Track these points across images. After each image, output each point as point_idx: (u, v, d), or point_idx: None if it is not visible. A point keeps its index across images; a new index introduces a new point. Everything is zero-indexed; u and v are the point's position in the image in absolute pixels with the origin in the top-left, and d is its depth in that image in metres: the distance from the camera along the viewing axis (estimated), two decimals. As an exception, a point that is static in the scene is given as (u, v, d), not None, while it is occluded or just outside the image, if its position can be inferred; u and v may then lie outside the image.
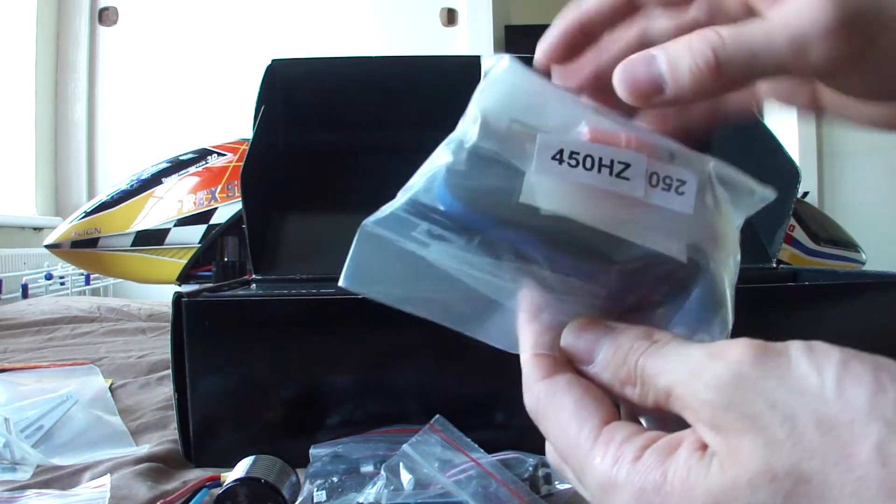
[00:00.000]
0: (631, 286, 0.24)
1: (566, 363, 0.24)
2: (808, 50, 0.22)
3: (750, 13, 0.24)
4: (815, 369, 0.18)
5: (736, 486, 0.18)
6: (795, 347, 0.19)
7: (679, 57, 0.23)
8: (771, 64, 0.22)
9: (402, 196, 0.23)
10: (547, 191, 0.23)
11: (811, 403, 0.18)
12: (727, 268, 0.25)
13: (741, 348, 0.19)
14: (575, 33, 0.27)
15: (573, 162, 0.23)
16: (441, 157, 0.23)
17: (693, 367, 0.20)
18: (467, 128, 0.23)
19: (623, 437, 0.21)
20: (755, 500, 0.18)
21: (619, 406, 0.23)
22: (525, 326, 0.25)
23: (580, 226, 0.23)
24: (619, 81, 0.23)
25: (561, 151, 0.23)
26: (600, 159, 0.23)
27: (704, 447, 0.20)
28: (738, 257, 0.25)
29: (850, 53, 0.22)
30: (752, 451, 0.18)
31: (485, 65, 0.25)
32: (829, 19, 0.21)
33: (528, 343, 0.24)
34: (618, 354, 0.22)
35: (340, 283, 0.24)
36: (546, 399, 0.23)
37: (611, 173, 0.23)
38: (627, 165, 0.23)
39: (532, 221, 0.22)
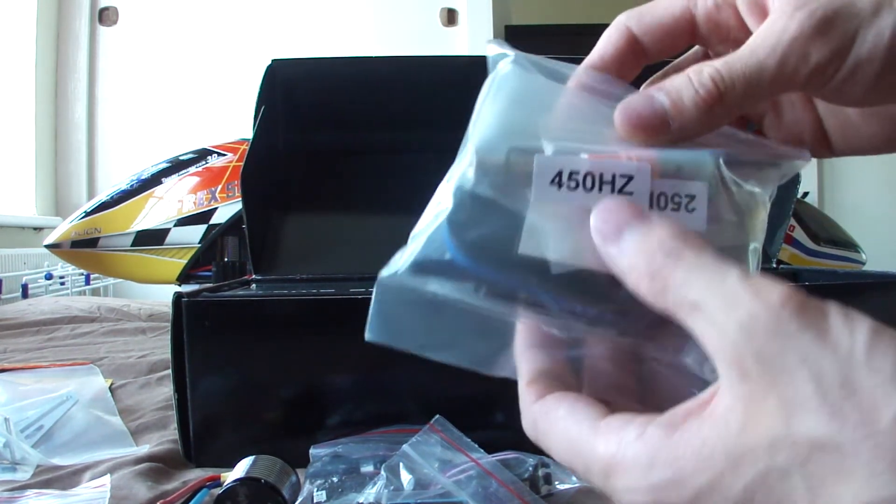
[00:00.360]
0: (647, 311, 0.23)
1: (556, 384, 0.24)
2: (790, 61, 0.22)
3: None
4: (849, 332, 0.18)
5: (757, 448, 0.18)
6: (833, 308, 0.19)
7: (681, 90, 0.23)
8: (766, 82, 0.23)
9: (411, 246, 0.23)
10: (546, 236, 0.22)
11: (839, 363, 0.18)
12: (749, 264, 0.24)
13: (782, 294, 0.19)
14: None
15: (573, 184, 0.22)
16: (444, 199, 0.22)
17: (728, 296, 0.19)
18: (465, 169, 0.22)
19: (622, 423, 0.21)
20: (774, 463, 0.18)
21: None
22: (521, 356, 0.25)
23: (586, 273, 0.22)
24: (621, 121, 0.23)
25: (560, 174, 0.22)
26: (601, 175, 0.22)
27: (708, 403, 0.19)
28: (761, 241, 0.24)
29: (831, 56, 0.22)
30: (775, 409, 0.18)
31: (489, 53, 0.25)
32: (801, 27, 0.22)
33: (523, 371, 0.25)
34: (646, 244, 0.21)
35: (367, 337, 0.24)
36: (541, 417, 0.23)
37: (613, 189, 0.22)
38: (630, 178, 0.22)
39: (537, 267, 0.22)
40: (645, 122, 0.23)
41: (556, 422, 0.23)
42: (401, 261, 0.23)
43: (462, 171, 0.22)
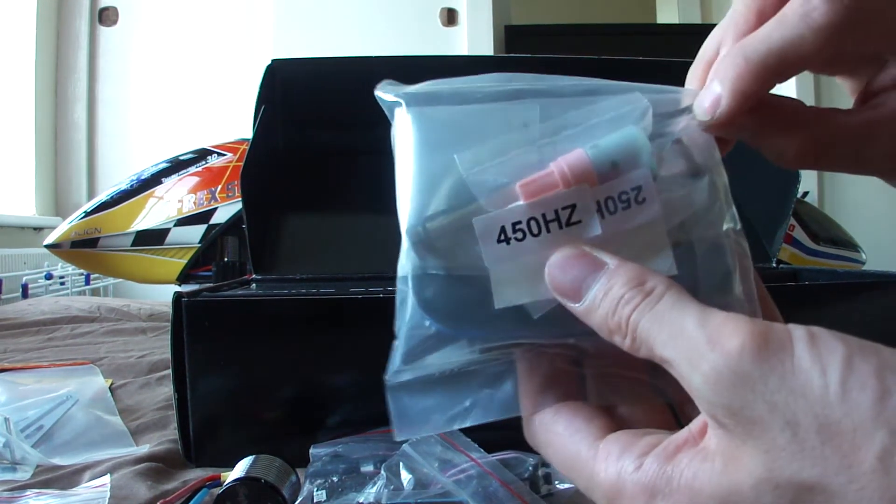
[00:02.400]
0: None
1: (554, 395, 0.24)
2: (810, 16, 0.22)
3: None
4: (819, 368, 0.17)
5: (741, 490, 0.18)
6: (798, 338, 0.18)
7: (722, 69, 0.23)
8: (791, 43, 0.22)
9: (398, 342, 0.23)
10: (516, 283, 0.22)
11: (813, 408, 0.17)
12: (722, 234, 0.23)
13: (741, 337, 0.18)
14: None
15: (519, 234, 0.22)
16: (404, 284, 0.23)
17: (689, 350, 0.19)
18: (406, 256, 0.22)
19: (620, 449, 0.21)
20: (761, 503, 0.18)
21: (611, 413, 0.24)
22: (518, 366, 0.25)
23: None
24: (700, 108, 0.24)
25: (503, 229, 0.22)
26: (544, 216, 0.22)
27: (703, 435, 0.20)
28: (722, 174, 0.24)
29: (847, 8, 0.22)
30: (753, 455, 0.18)
31: (384, 100, 0.24)
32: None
33: (521, 381, 0.24)
34: (607, 301, 0.21)
35: (397, 438, 0.24)
36: (539, 430, 0.24)
37: (560, 226, 0.22)
38: (573, 207, 0.22)
39: (518, 315, 0.22)
40: (704, 106, 0.23)
41: (555, 437, 0.23)
42: (395, 358, 0.23)
43: (405, 257, 0.22)
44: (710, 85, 0.24)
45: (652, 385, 0.24)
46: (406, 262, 0.22)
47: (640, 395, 0.24)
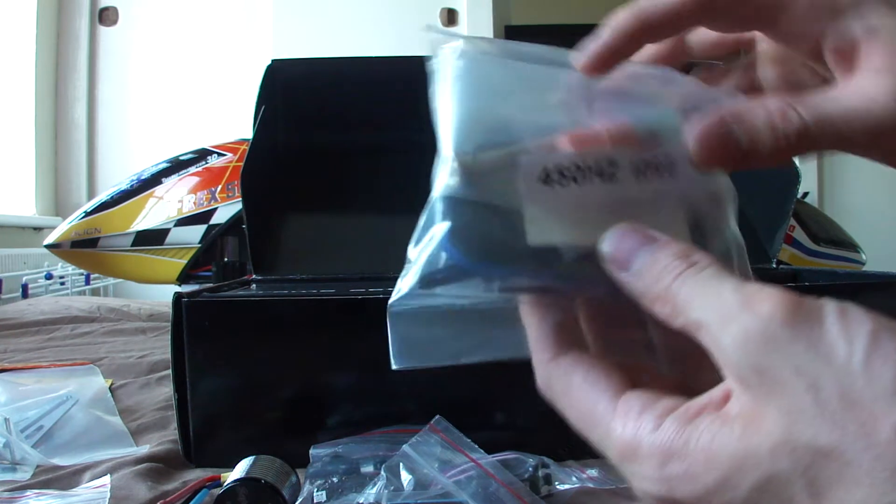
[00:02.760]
0: None
1: (569, 342, 0.24)
2: (880, 138, 0.22)
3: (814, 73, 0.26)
4: (846, 338, 0.18)
5: (758, 453, 0.18)
6: (829, 310, 0.19)
7: (760, 133, 0.23)
8: (846, 145, 0.23)
9: (413, 265, 0.23)
10: (550, 223, 0.23)
11: (837, 375, 0.18)
12: (729, 215, 0.25)
13: (774, 302, 0.19)
14: (631, 36, 0.25)
15: (561, 180, 0.23)
16: (436, 209, 0.22)
17: (724, 312, 0.20)
18: (448, 177, 0.22)
19: (640, 407, 0.21)
20: (776, 468, 0.18)
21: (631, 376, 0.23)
22: (530, 310, 0.24)
23: (593, 247, 0.23)
24: (696, 145, 0.23)
25: (546, 171, 0.22)
26: (587, 166, 0.23)
27: (725, 403, 0.20)
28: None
29: None
30: (775, 418, 0.18)
31: (434, 41, 0.24)
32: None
33: (534, 326, 0.24)
34: (653, 269, 0.22)
35: (394, 366, 0.24)
36: (556, 379, 0.23)
37: (602, 178, 0.23)
38: (615, 163, 0.23)
39: (546, 254, 0.23)
40: (718, 153, 0.23)
41: (572, 388, 0.23)
42: (405, 282, 0.23)
43: (445, 179, 0.22)
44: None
45: (647, 348, 0.24)
46: (446, 184, 0.22)
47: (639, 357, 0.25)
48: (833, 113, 0.23)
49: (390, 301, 0.23)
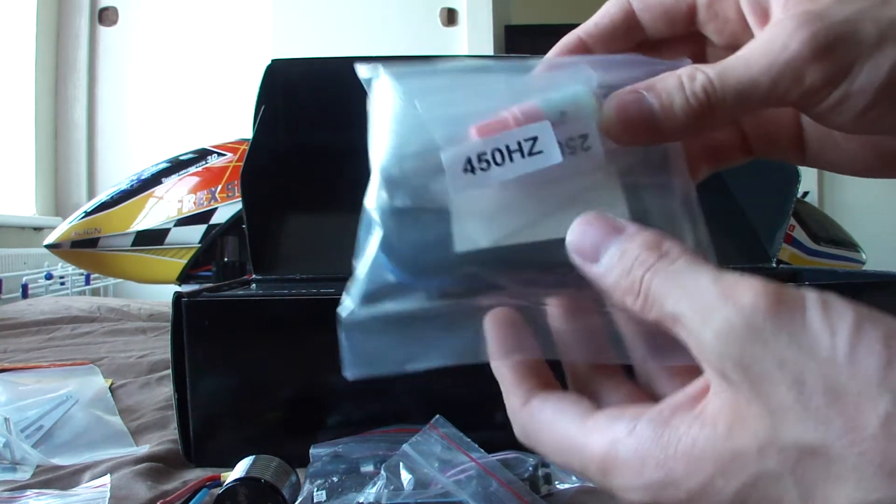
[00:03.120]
0: None
1: (538, 385, 0.24)
2: (784, 81, 0.22)
3: (747, 32, 0.25)
4: (829, 330, 0.18)
5: (745, 455, 0.18)
6: (811, 300, 0.18)
7: (672, 95, 0.23)
8: (756, 99, 0.22)
9: (357, 279, 0.23)
10: (477, 227, 0.23)
11: (821, 368, 0.17)
12: (674, 187, 0.25)
13: (756, 293, 0.18)
14: (572, 53, 0.27)
15: (484, 165, 0.23)
16: (370, 224, 0.23)
17: (703, 304, 0.19)
18: (377, 190, 0.23)
19: (610, 419, 0.21)
20: (763, 469, 0.18)
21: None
22: (499, 363, 0.25)
23: (527, 245, 0.23)
24: (611, 116, 0.23)
25: (468, 160, 0.23)
26: (507, 147, 0.23)
27: (700, 399, 0.20)
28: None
29: (824, 82, 0.22)
30: (760, 416, 0.18)
31: (361, 76, 0.26)
32: (800, 48, 0.21)
33: (505, 379, 0.24)
34: (623, 261, 0.21)
35: (346, 376, 0.24)
36: (529, 422, 0.23)
37: (523, 154, 0.23)
38: (535, 138, 0.23)
39: (480, 257, 0.23)
40: (634, 124, 0.23)
41: (544, 424, 0.23)
42: (352, 296, 0.23)
43: (375, 192, 0.23)
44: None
45: (614, 343, 0.24)
46: (376, 198, 0.23)
47: (603, 354, 0.24)
48: (736, 67, 0.22)
49: (340, 313, 0.24)
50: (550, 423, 0.22)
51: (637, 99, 0.23)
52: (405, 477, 0.44)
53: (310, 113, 0.98)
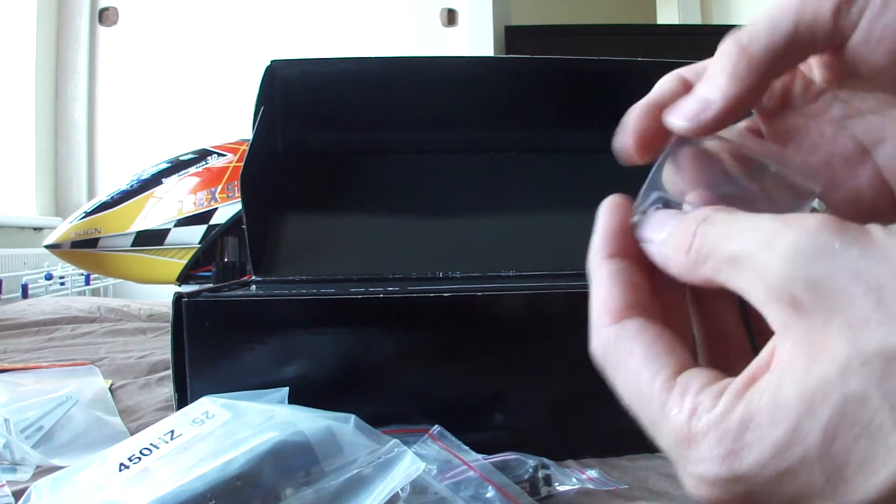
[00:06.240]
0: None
1: (638, 307, 0.22)
2: (806, 9, 0.22)
3: None
4: (895, 238, 0.17)
5: (827, 381, 0.17)
6: (872, 225, 0.18)
7: (710, 67, 0.23)
8: (790, 29, 0.22)
9: None
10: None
11: (894, 271, 0.17)
12: None
13: (819, 218, 0.18)
14: (651, 115, 0.25)
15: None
16: None
17: (766, 234, 0.18)
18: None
19: (699, 386, 0.19)
20: (848, 390, 0.16)
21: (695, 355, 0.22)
22: (599, 262, 0.23)
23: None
24: (670, 116, 0.24)
25: None
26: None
27: (772, 358, 0.19)
28: None
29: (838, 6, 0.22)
30: (837, 334, 0.17)
31: None
32: None
33: (602, 281, 0.23)
34: (685, 222, 0.21)
35: None
36: (615, 345, 0.21)
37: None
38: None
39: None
40: (689, 108, 0.23)
41: (628, 359, 0.21)
42: None
43: None
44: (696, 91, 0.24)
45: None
46: None
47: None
48: (762, 16, 0.23)
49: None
50: (638, 360, 0.21)
51: (685, 97, 0.24)
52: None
53: (309, 113, 0.98)
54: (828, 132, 0.26)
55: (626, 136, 0.25)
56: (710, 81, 0.23)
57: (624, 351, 0.21)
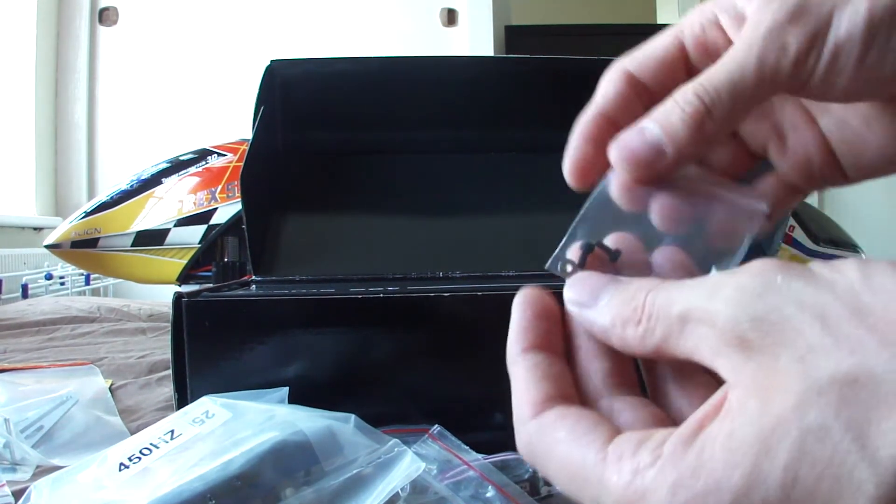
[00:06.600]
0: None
1: (555, 396, 0.21)
2: (769, 55, 0.22)
3: None
4: (838, 271, 0.17)
5: (783, 418, 0.16)
6: (814, 262, 0.18)
7: (669, 114, 0.23)
8: (750, 84, 0.22)
9: None
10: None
11: (841, 298, 0.17)
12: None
13: (761, 261, 0.18)
14: (595, 137, 0.25)
15: None
16: None
17: (711, 286, 0.18)
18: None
19: (634, 446, 0.18)
20: (806, 424, 0.16)
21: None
22: (517, 359, 0.23)
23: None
24: (618, 159, 0.23)
25: None
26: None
27: (723, 404, 0.18)
28: None
29: (809, 41, 0.22)
30: (789, 369, 0.16)
31: None
32: (774, 18, 0.22)
33: (520, 378, 0.22)
34: (625, 292, 0.21)
35: None
36: (539, 437, 0.21)
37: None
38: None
39: None
40: (641, 156, 0.23)
41: (556, 445, 0.20)
42: None
43: None
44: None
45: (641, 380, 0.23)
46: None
47: (631, 385, 0.23)
48: (722, 63, 0.23)
49: None
50: (564, 444, 0.20)
51: (639, 130, 0.23)
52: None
53: (310, 113, 0.98)
54: (777, 100, 0.27)
55: (569, 162, 0.25)
56: (668, 130, 0.23)
57: (549, 440, 0.20)
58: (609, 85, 0.25)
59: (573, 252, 0.24)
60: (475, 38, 2.54)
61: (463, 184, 0.93)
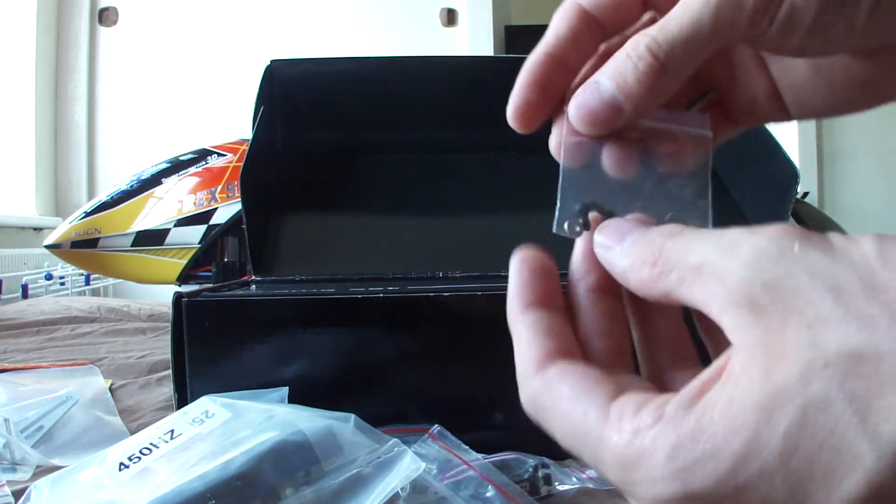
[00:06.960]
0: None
1: (558, 352, 0.21)
2: (725, 10, 0.22)
3: None
4: (855, 244, 0.17)
5: (786, 387, 0.16)
6: (832, 234, 0.18)
7: (623, 70, 0.23)
8: (705, 38, 0.22)
9: None
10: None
11: (855, 271, 0.16)
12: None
13: (781, 227, 0.18)
14: (542, 81, 0.25)
15: None
16: None
17: (728, 242, 0.18)
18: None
19: (636, 407, 0.18)
20: (809, 395, 0.16)
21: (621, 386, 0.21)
22: (519, 317, 0.23)
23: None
24: (576, 118, 0.23)
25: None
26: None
27: (725, 368, 0.18)
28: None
29: (756, 6, 0.21)
30: (797, 337, 0.16)
31: None
32: None
33: (522, 336, 0.22)
34: (647, 236, 0.21)
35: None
36: (542, 394, 0.21)
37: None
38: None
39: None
40: (599, 115, 0.23)
41: (558, 401, 0.20)
42: None
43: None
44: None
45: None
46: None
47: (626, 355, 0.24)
48: (675, 15, 0.22)
49: None
50: (567, 401, 0.20)
51: (594, 87, 0.23)
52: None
53: (309, 113, 0.98)
54: None
55: (513, 106, 0.25)
56: (623, 88, 0.23)
57: (552, 396, 0.20)
58: (562, 22, 0.25)
59: (574, 215, 0.24)
60: (475, 38, 2.54)
61: (463, 184, 0.93)
